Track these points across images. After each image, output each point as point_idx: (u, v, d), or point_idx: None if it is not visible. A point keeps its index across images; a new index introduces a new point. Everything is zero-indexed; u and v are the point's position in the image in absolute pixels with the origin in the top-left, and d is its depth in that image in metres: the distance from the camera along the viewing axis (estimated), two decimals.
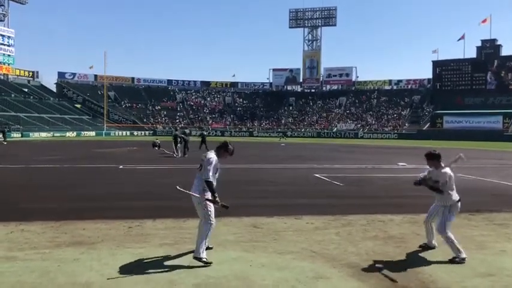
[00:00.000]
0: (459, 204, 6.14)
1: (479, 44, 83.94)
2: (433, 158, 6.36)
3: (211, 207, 5.58)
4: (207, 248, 5.66)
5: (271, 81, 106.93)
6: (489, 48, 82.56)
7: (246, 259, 5.78)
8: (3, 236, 6.84)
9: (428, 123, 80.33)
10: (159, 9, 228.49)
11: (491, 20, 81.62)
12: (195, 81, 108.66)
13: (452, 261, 5.75)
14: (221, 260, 5.65)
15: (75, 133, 70.92)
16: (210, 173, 5.55)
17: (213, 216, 5.62)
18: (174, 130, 30.44)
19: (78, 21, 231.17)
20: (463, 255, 5.80)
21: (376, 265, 5.58)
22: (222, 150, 5.83)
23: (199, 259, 5.41)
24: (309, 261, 5.75)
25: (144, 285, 4.77)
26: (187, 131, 32.29)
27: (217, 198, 5.58)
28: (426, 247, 6.39)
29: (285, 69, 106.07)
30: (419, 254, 6.17)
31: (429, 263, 5.75)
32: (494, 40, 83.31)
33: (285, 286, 4.80)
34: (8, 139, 53.06)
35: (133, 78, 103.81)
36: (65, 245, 6.35)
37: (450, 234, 5.90)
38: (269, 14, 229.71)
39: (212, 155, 5.69)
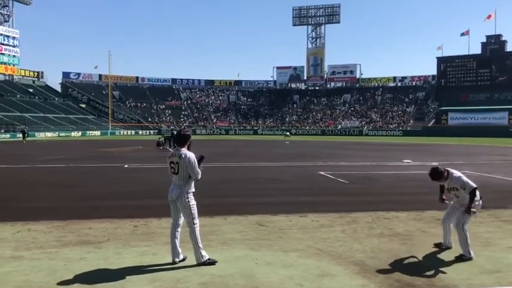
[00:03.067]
0: (480, 202, 6.03)
1: (484, 39, 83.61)
2: (437, 177, 6.20)
3: (195, 209, 5.50)
4: (182, 260, 5.53)
5: (275, 79, 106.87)
6: (494, 44, 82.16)
7: (252, 257, 5.78)
8: (10, 235, 6.89)
9: (433, 120, 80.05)
10: (162, 8, 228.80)
11: (496, 16, 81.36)
12: (199, 80, 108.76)
13: (459, 258, 5.71)
14: (227, 258, 5.66)
15: (80, 133, 71.21)
16: (199, 171, 5.43)
17: (197, 216, 5.51)
18: (172, 129, 30.41)
19: (82, 22, 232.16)
20: (471, 255, 5.74)
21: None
22: (187, 140, 5.56)
23: (204, 263, 5.40)
24: (314, 258, 5.75)
25: (150, 284, 4.78)
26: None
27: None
28: (444, 247, 6.22)
29: (289, 67, 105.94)
30: (425, 251, 6.14)
31: (435, 260, 5.74)
32: (499, 36, 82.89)
33: (290, 284, 4.80)
34: (13, 139, 53.48)
35: (137, 78, 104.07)
36: (71, 244, 6.39)
37: (466, 232, 5.84)
38: (272, 12, 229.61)
39: (188, 153, 5.42)
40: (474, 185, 5.89)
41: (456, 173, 6.10)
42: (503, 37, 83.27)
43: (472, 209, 5.81)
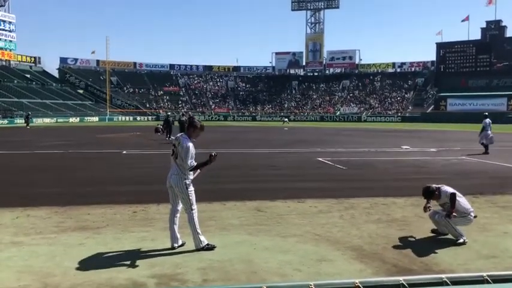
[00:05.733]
0: (472, 215, 6.03)
1: (484, 25, 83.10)
2: (429, 196, 6.19)
3: (193, 195, 5.52)
4: (181, 245, 5.57)
5: (273, 64, 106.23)
6: (494, 29, 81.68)
7: (250, 242, 5.82)
8: (9, 221, 6.91)
9: (432, 106, 79.98)
10: None
11: (497, 1, 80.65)
12: (197, 66, 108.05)
13: (455, 244, 5.77)
14: (225, 244, 5.69)
15: (78, 119, 70.95)
16: (190, 161, 5.42)
17: (195, 202, 5.54)
18: (166, 115, 30.21)
19: (80, 7, 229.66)
20: (464, 236, 5.85)
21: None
22: (191, 128, 5.63)
23: (202, 248, 5.44)
24: (312, 244, 5.79)
25: (149, 269, 4.81)
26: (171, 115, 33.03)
27: (205, 161, 5.54)
28: (441, 232, 6.25)
29: (288, 53, 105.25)
30: (423, 237, 6.19)
31: (432, 245, 5.78)
32: (499, 21, 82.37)
33: (288, 269, 4.84)
34: (11, 125, 53.36)
35: (135, 63, 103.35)
36: (70, 230, 6.41)
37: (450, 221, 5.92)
38: None
39: (186, 141, 5.46)
40: (453, 190, 6.03)
41: (444, 187, 6.16)
42: (503, 22, 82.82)
43: (453, 214, 5.87)
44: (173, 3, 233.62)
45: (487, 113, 19.71)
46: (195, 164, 5.50)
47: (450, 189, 6.08)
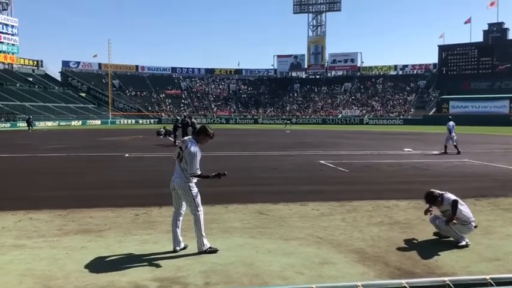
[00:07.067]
0: (472, 224, 5.99)
1: (486, 27, 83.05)
2: (431, 200, 6.17)
3: (198, 196, 5.50)
4: (183, 248, 5.56)
5: (275, 67, 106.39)
6: (496, 31, 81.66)
7: (252, 245, 5.81)
8: (11, 224, 6.92)
9: (434, 109, 79.83)
10: None
11: (499, 3, 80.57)
12: (199, 69, 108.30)
13: (457, 246, 5.75)
14: (228, 247, 5.69)
15: (80, 122, 71.09)
16: (197, 166, 5.40)
17: (201, 204, 5.52)
18: (176, 119, 30.28)
19: (82, 10, 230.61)
20: (466, 240, 5.83)
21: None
22: (202, 135, 5.60)
23: (204, 251, 5.44)
24: (314, 247, 5.78)
25: (151, 272, 4.81)
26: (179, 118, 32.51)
27: (212, 174, 5.51)
28: (440, 235, 6.24)
29: (290, 56, 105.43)
30: (425, 240, 6.17)
31: (435, 248, 5.76)
32: (501, 23, 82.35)
33: (291, 272, 4.83)
34: (13, 128, 53.51)
35: (137, 66, 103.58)
36: (72, 233, 6.42)
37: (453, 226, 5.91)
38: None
39: (193, 146, 5.44)
40: (455, 198, 6.02)
41: (447, 194, 6.14)
42: (506, 25, 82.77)
43: (453, 221, 5.84)
44: (175, 7, 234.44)
45: (450, 116, 20.71)
46: (199, 173, 5.47)
47: (453, 197, 6.07)
